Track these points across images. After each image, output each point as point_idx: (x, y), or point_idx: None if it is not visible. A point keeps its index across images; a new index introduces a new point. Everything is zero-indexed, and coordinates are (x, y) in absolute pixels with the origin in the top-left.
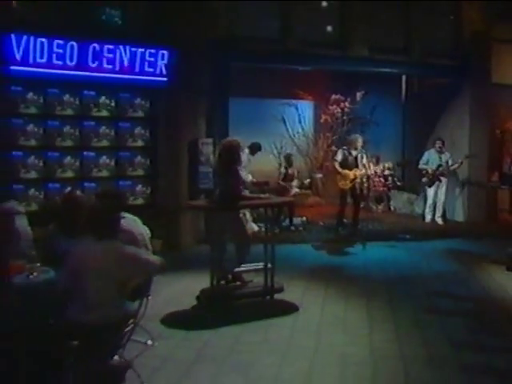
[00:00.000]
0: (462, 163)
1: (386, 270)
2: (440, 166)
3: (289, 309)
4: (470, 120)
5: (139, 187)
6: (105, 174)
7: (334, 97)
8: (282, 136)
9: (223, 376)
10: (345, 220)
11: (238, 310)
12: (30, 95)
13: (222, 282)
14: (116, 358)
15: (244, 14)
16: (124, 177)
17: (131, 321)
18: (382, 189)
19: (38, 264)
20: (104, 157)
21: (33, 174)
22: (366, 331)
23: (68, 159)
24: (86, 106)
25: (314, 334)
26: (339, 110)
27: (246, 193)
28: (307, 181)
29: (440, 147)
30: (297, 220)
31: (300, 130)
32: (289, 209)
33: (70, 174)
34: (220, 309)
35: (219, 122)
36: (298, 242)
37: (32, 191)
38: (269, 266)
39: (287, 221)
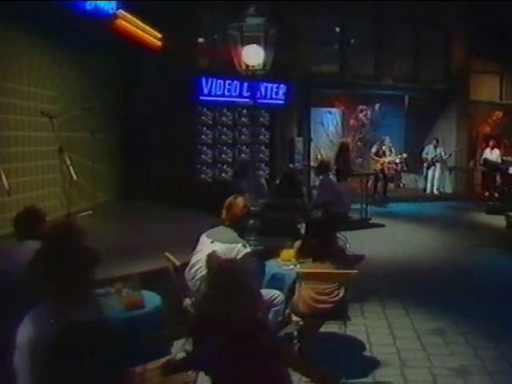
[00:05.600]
0: (450, 155)
1: (414, 214)
2: (435, 156)
3: (379, 226)
4: (456, 125)
5: (265, 168)
6: (247, 159)
7: (360, 107)
8: (320, 134)
9: (376, 242)
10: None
11: (354, 226)
12: (208, 112)
13: None
14: None
15: (317, 59)
16: (257, 161)
17: None
18: (393, 172)
19: None
20: (246, 148)
21: (207, 159)
22: (418, 231)
23: (227, 150)
24: (237, 118)
25: (399, 232)
26: (363, 116)
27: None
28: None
29: (436, 144)
30: None
31: (333, 130)
32: None
33: (228, 159)
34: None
35: (305, 126)
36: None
37: (208, 169)
38: (364, 206)
39: None
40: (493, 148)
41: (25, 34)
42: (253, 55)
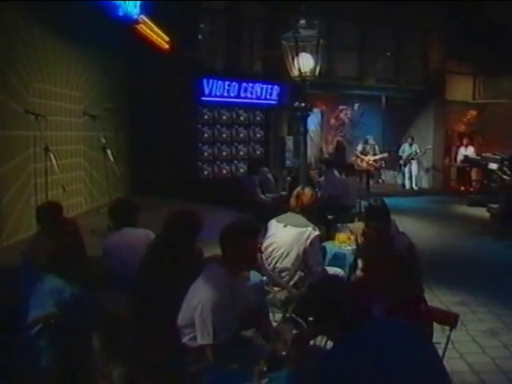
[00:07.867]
0: (424, 152)
1: (400, 208)
2: (411, 153)
3: None
4: (432, 124)
5: None
6: (243, 155)
7: (341, 107)
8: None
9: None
10: None
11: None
12: (208, 112)
13: None
14: None
15: None
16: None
17: None
18: (373, 168)
19: None
20: (242, 146)
21: (207, 156)
22: (411, 222)
23: (224, 147)
24: (235, 117)
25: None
26: (344, 116)
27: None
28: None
29: (411, 142)
30: None
31: (314, 129)
32: None
33: (225, 156)
34: None
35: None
36: None
37: (206, 166)
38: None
39: None
40: (467, 146)
41: (58, 38)
42: (305, 62)
